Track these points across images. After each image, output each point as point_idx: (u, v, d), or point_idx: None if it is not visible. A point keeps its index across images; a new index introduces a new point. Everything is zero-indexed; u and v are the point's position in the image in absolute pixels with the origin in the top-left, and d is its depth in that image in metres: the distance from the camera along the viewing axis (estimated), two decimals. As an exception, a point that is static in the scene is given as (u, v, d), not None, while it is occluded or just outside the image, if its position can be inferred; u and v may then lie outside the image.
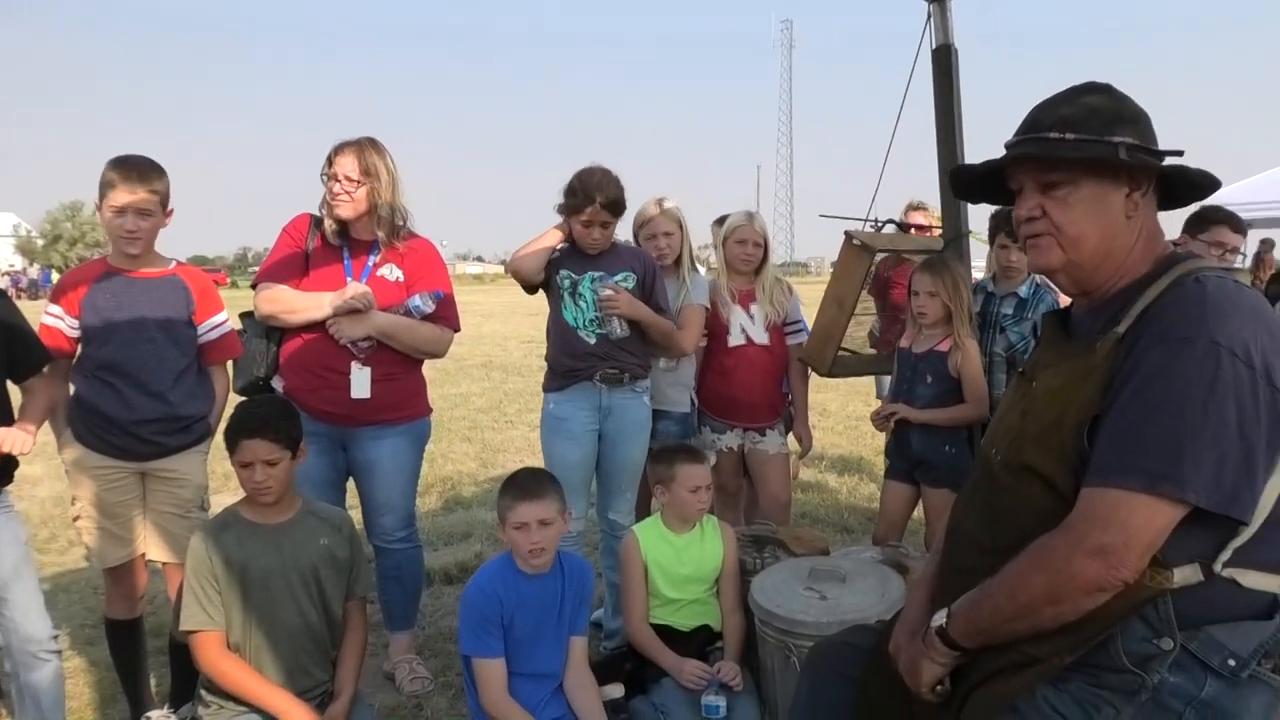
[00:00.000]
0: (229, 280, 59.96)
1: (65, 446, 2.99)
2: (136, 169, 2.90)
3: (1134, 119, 1.66)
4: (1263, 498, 1.48)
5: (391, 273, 3.39)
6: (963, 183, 1.93)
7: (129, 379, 2.92)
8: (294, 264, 3.36)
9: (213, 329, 3.13)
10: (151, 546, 3.07)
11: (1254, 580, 1.52)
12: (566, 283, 3.56)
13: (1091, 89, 1.70)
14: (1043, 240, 1.72)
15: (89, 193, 2.97)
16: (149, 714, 3.14)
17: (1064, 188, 1.68)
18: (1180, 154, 1.65)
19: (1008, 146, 1.73)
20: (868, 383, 7.38)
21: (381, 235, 3.35)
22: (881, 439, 3.90)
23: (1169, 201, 1.75)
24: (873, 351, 4.23)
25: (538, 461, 3.79)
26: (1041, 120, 1.70)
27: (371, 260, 3.38)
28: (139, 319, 2.94)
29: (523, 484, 2.79)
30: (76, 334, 2.95)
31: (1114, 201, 1.66)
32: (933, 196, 4.87)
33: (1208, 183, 1.70)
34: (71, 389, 3.01)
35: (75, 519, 3.05)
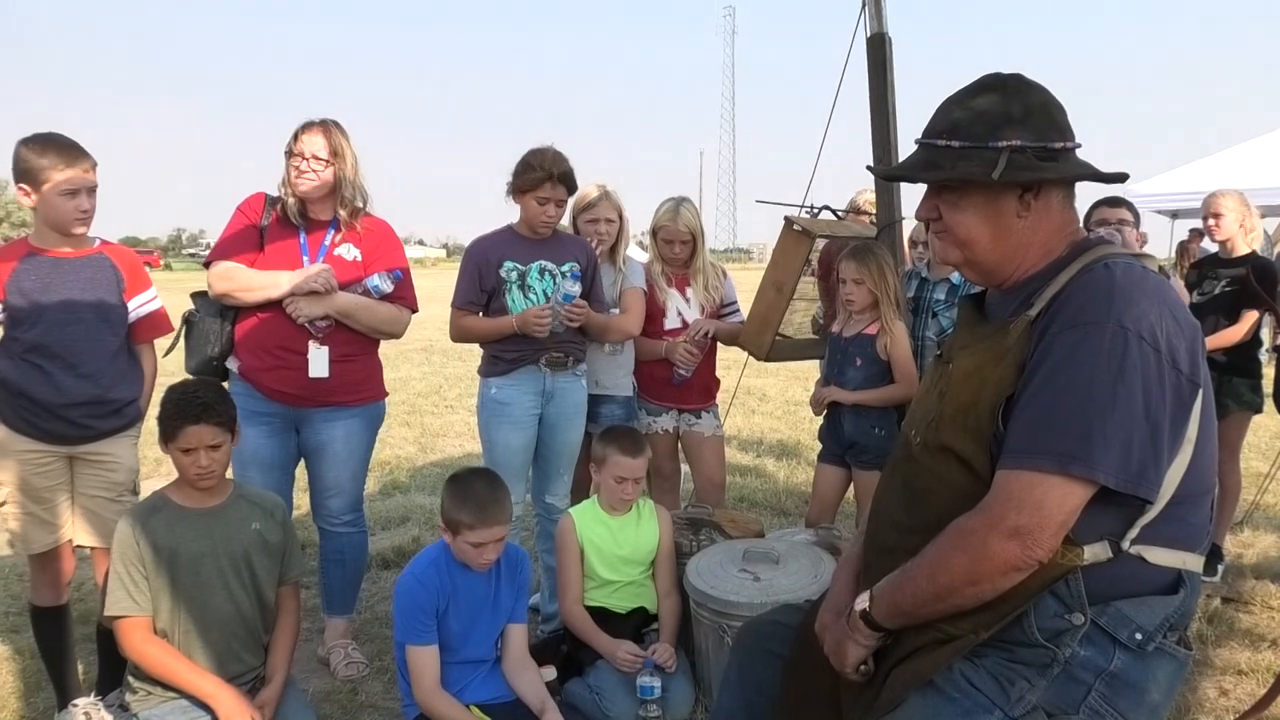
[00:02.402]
0: (162, 263, 58.68)
1: None
2: (76, 147, 2.85)
3: (1025, 117, 1.65)
4: (1167, 477, 1.53)
5: (349, 252, 3.38)
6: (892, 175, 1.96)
7: (59, 361, 2.86)
8: (249, 241, 3.33)
9: (141, 305, 3.08)
10: (80, 532, 3.01)
11: (1159, 556, 1.58)
12: (514, 275, 3.55)
13: (986, 87, 1.70)
14: (942, 238, 1.77)
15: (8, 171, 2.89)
16: (76, 701, 3.08)
17: (953, 192, 1.71)
18: (1072, 147, 1.67)
19: (916, 143, 1.75)
20: (806, 368, 7.45)
21: (344, 215, 3.34)
22: (818, 424, 3.94)
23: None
24: (809, 336, 4.27)
25: (477, 447, 3.76)
26: (935, 123, 1.72)
27: (329, 239, 3.36)
28: (69, 301, 2.88)
29: (482, 504, 2.71)
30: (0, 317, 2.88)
31: (1004, 203, 1.68)
32: (869, 183, 4.94)
33: (1108, 178, 1.72)
34: None
35: (0, 504, 2.98)
